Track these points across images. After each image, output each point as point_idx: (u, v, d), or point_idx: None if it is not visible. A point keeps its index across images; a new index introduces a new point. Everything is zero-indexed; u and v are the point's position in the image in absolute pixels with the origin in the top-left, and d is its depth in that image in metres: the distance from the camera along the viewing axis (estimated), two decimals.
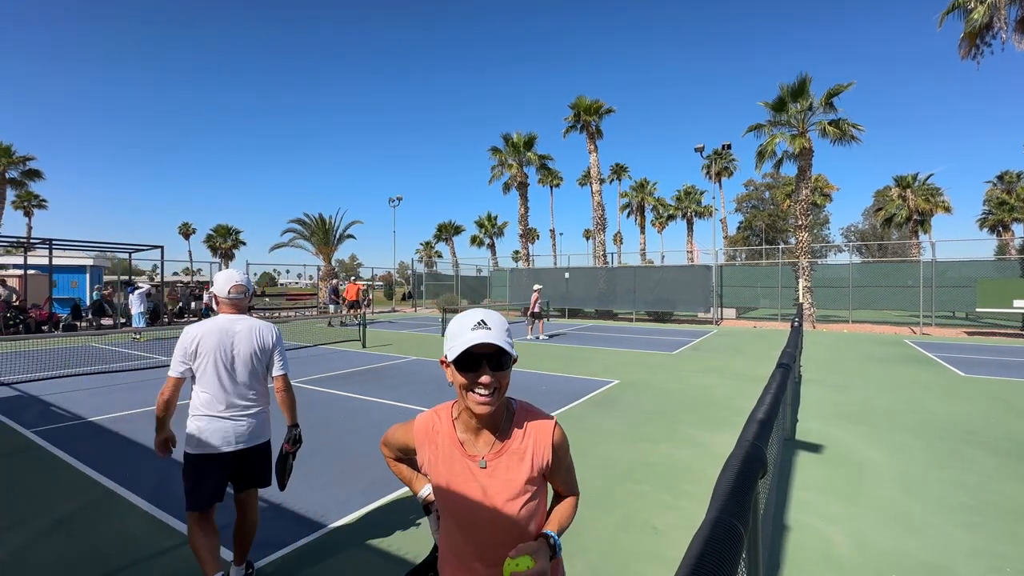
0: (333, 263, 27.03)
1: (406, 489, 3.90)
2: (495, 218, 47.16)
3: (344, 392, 7.38)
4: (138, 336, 13.95)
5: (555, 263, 37.80)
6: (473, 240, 48.59)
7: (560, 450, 1.25)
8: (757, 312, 23.56)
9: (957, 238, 74.77)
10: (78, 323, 16.51)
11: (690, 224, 43.20)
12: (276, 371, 2.67)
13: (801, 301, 18.51)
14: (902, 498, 3.86)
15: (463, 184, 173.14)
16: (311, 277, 30.62)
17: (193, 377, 2.52)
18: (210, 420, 2.48)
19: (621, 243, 48.58)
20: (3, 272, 20.28)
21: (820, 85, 20.87)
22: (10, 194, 32.79)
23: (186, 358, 2.49)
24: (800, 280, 19.49)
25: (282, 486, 2.70)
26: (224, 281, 2.60)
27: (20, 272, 18.60)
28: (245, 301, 2.67)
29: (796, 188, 20.28)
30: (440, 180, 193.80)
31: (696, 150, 24.60)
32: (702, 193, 43.12)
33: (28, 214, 38.01)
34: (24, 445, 4.96)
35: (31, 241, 17.60)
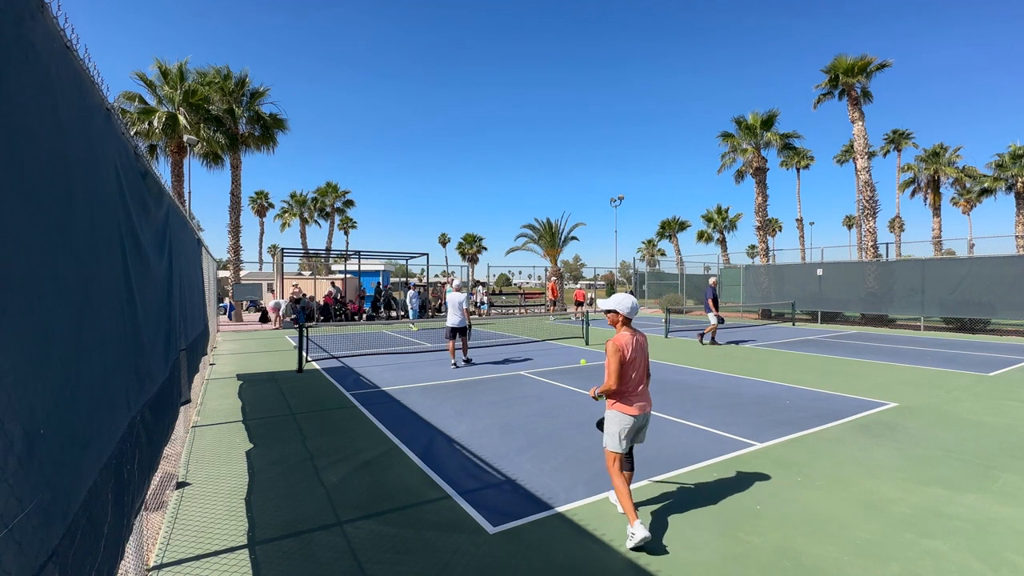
0: (558, 264, 28.79)
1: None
2: (726, 210, 42.83)
3: (568, 386, 7.81)
4: (413, 326, 17.53)
5: (803, 258, 32.28)
6: (700, 236, 45.14)
7: None
8: None
9: None
10: (376, 314, 21.66)
11: (1020, 198, 31.33)
12: (464, 306, 9.16)
13: None
14: None
15: (687, 177, 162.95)
16: (539, 277, 33.25)
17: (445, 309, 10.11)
18: (451, 316, 9.24)
19: (901, 230, 38.45)
20: (332, 276, 28.18)
21: None
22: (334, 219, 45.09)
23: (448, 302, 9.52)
24: None
25: (468, 332, 9.67)
26: (461, 285, 9.82)
27: (342, 276, 25.57)
28: (455, 288, 9.59)
29: None
30: (662, 173, 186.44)
31: None
32: None
33: (346, 233, 51.42)
34: (347, 403, 6.76)
35: (348, 253, 24.27)
